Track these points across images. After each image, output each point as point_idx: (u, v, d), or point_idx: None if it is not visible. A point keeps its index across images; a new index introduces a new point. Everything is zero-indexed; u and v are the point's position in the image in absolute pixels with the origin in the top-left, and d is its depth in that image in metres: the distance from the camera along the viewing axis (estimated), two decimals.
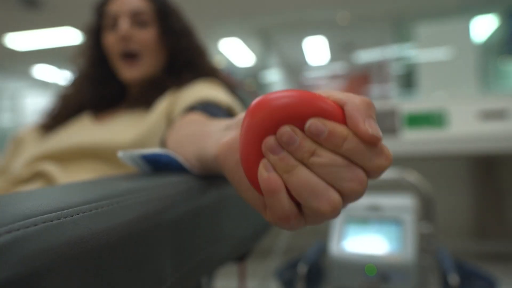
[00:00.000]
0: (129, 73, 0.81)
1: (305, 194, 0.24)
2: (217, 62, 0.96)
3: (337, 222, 1.16)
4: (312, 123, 0.24)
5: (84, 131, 0.76)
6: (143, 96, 0.80)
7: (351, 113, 0.24)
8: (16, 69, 7.07)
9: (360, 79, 7.17)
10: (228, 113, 0.75)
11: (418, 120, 1.82)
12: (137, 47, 0.80)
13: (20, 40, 5.20)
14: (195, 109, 0.68)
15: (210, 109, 0.68)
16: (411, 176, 1.11)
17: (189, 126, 0.52)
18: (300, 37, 5.71)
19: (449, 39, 2.78)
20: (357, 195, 0.24)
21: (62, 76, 5.93)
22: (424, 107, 1.83)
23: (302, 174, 0.24)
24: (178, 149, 0.47)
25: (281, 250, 1.65)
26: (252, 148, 0.26)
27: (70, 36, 5.01)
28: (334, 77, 7.01)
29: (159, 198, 0.32)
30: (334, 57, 6.69)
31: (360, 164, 0.24)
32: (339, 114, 0.25)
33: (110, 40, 0.81)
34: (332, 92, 0.26)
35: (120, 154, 0.41)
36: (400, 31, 4.91)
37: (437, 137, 1.72)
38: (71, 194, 0.29)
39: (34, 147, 0.79)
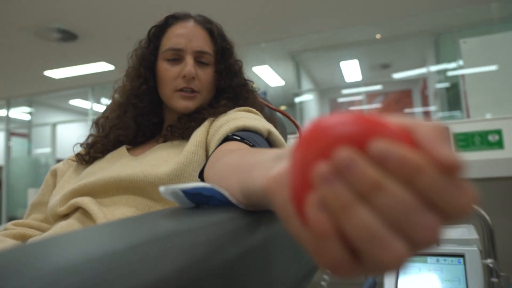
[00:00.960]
0: (186, 104, 0.81)
1: (363, 242, 0.19)
2: (254, 87, 0.95)
3: None
4: (380, 143, 0.19)
5: (122, 165, 0.76)
6: (180, 128, 0.79)
7: (425, 137, 0.19)
8: (55, 103, 7.47)
9: (398, 99, 6.99)
10: (268, 141, 0.73)
11: (467, 140, 1.71)
12: (198, 86, 0.82)
13: (59, 75, 5.50)
14: (233, 138, 0.66)
15: (249, 137, 0.66)
16: None
17: (231, 157, 0.49)
18: (334, 58, 5.68)
19: (497, 53, 2.64)
20: (428, 246, 0.19)
21: (98, 109, 6.20)
22: (474, 127, 1.72)
23: (362, 216, 0.19)
24: (221, 182, 0.44)
25: (328, 286, 1.56)
26: (303, 180, 0.21)
27: (107, 70, 5.26)
28: (370, 96, 6.88)
29: (206, 241, 0.29)
30: (370, 77, 6.58)
31: (437, 204, 0.19)
32: (409, 139, 0.20)
33: (172, 74, 0.81)
34: (393, 117, 0.22)
35: (161, 189, 0.39)
36: (441, 47, 4.76)
37: (491, 158, 1.60)
38: (110, 239, 0.26)
39: (72, 182, 0.79)
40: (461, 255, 0.96)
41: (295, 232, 0.24)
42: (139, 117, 0.86)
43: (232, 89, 0.86)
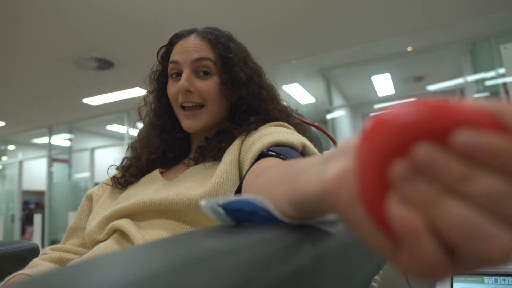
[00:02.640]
0: (188, 123, 0.80)
1: (462, 236, 0.17)
2: (285, 104, 0.92)
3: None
4: (464, 134, 0.17)
5: (156, 189, 0.75)
6: (211, 150, 0.78)
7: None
8: (93, 129, 7.76)
9: None
10: (303, 154, 0.70)
11: None
12: (198, 99, 0.79)
13: (96, 101, 5.72)
14: (268, 153, 0.64)
15: (284, 152, 0.63)
16: None
17: (271, 170, 0.46)
18: (365, 72, 5.61)
19: None
20: None
21: (134, 133, 6.37)
22: None
23: (455, 210, 0.17)
24: (264, 196, 0.42)
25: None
26: (375, 179, 0.19)
27: (141, 95, 5.43)
28: None
29: (251, 261, 0.27)
30: (403, 90, 6.44)
31: None
32: (493, 123, 0.18)
33: (173, 90, 0.81)
34: (470, 101, 0.20)
35: (202, 203, 0.37)
36: (478, 56, 4.59)
37: None
38: (151, 260, 0.24)
39: (107, 208, 0.79)
40: (511, 275, 0.87)
41: (364, 235, 0.22)
42: (162, 134, 0.87)
43: (244, 100, 0.82)
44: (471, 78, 4.82)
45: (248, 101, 0.82)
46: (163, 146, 0.86)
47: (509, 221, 0.17)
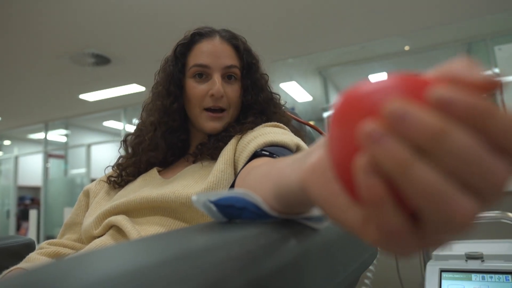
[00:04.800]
0: (213, 125, 0.81)
1: (427, 202, 0.17)
2: (280, 101, 0.94)
3: (431, 275, 0.97)
4: (441, 89, 0.17)
5: (153, 187, 0.76)
6: (209, 149, 0.79)
7: (457, 70, 0.18)
8: (90, 125, 7.75)
9: None
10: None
11: None
12: (226, 104, 0.81)
13: (93, 97, 5.71)
14: (262, 153, 0.65)
15: (278, 152, 0.65)
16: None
17: (261, 168, 0.48)
18: (362, 71, 5.62)
19: None
20: (497, 197, 0.17)
21: (130, 129, 6.36)
22: None
23: (423, 174, 0.17)
24: (253, 190, 0.44)
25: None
26: (347, 150, 0.19)
27: (138, 92, 5.42)
28: None
29: (239, 255, 0.28)
30: None
31: (507, 150, 0.17)
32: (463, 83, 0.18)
33: (199, 92, 0.81)
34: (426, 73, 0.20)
35: (193, 198, 0.39)
36: (474, 56, 4.62)
37: None
38: (142, 254, 0.26)
39: (104, 204, 0.80)
40: (509, 272, 0.89)
41: (338, 215, 0.23)
42: (168, 134, 0.85)
43: (259, 104, 0.85)
44: None
45: (262, 105, 0.85)
46: (165, 149, 0.85)
47: (474, 185, 0.17)
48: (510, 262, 0.90)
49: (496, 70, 3.24)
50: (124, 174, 0.86)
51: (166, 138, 0.85)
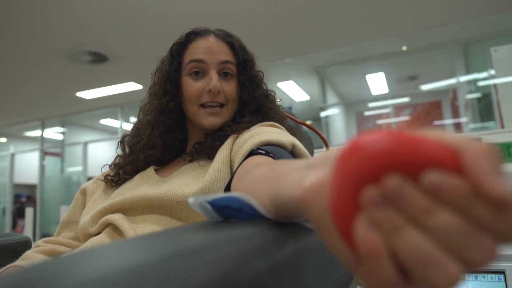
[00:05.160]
0: (212, 120, 0.81)
1: (416, 263, 0.19)
2: (278, 101, 0.94)
3: None
4: (432, 174, 0.19)
5: (150, 185, 0.76)
6: (206, 148, 0.79)
7: (473, 162, 0.19)
8: (86, 123, 7.73)
9: (427, 110, 6.83)
10: (292, 154, 0.72)
11: (502, 151, 1.64)
12: (223, 100, 0.82)
13: (90, 95, 5.70)
14: (258, 152, 0.66)
15: (274, 151, 0.65)
16: None
17: (259, 169, 0.48)
18: (359, 71, 5.64)
19: None
20: (483, 266, 0.19)
21: (127, 128, 6.35)
22: (509, 137, 1.65)
23: (414, 239, 0.19)
24: (250, 194, 0.44)
25: None
26: (347, 198, 0.21)
27: (135, 90, 5.41)
28: (397, 109, 6.76)
29: (234, 254, 0.28)
30: (397, 89, 6.48)
31: (491, 229, 0.18)
32: (456, 163, 0.19)
33: (196, 89, 0.81)
34: (441, 134, 0.21)
35: (190, 200, 0.39)
36: (471, 57, 4.64)
37: None
38: (138, 253, 0.26)
39: (101, 203, 0.80)
40: (502, 272, 0.90)
41: (332, 245, 0.24)
42: (165, 134, 0.85)
43: (256, 100, 0.86)
44: (463, 78, 4.87)
45: (259, 101, 0.86)
46: (163, 147, 0.86)
47: (458, 254, 0.19)
48: (502, 262, 0.91)
49: (492, 72, 3.25)
50: (121, 172, 0.86)
51: (164, 137, 0.85)
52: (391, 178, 0.19)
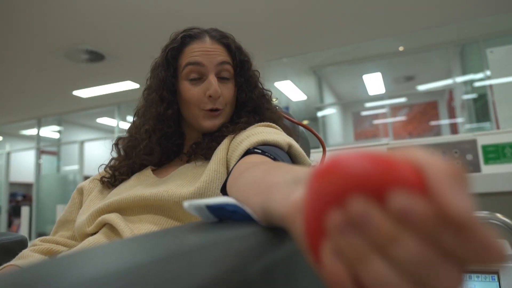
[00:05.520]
0: (212, 122, 0.81)
1: None
2: (274, 100, 0.95)
3: None
4: (398, 197, 0.18)
5: (146, 185, 0.77)
6: (203, 148, 0.80)
7: (436, 183, 0.18)
8: (83, 121, 7.70)
9: (424, 111, 6.85)
10: (289, 154, 0.72)
11: (497, 152, 1.65)
12: (223, 104, 0.82)
13: (87, 94, 5.68)
14: (254, 151, 0.66)
15: (270, 150, 0.66)
16: (501, 218, 0.97)
17: (253, 172, 0.48)
18: (356, 71, 5.65)
19: None
20: None
21: (124, 126, 6.33)
22: (504, 138, 1.66)
23: (378, 269, 0.18)
24: (242, 199, 0.44)
25: None
26: (316, 221, 0.21)
27: (132, 89, 5.40)
28: (394, 109, 6.77)
29: (230, 254, 0.29)
30: (393, 90, 6.49)
31: (456, 256, 0.18)
32: (422, 184, 0.19)
33: (196, 94, 0.80)
34: (407, 151, 0.20)
35: (185, 204, 0.39)
36: (467, 58, 4.66)
37: None
38: (135, 253, 0.27)
39: (98, 202, 0.80)
40: (495, 272, 0.91)
41: (311, 262, 0.24)
42: (164, 140, 0.84)
43: (252, 101, 0.86)
44: (460, 79, 4.89)
45: (256, 102, 0.86)
46: (160, 153, 0.85)
47: (423, 284, 0.18)
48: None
49: (488, 73, 3.27)
50: (117, 174, 0.86)
51: (162, 144, 0.85)
52: (355, 201, 0.19)
